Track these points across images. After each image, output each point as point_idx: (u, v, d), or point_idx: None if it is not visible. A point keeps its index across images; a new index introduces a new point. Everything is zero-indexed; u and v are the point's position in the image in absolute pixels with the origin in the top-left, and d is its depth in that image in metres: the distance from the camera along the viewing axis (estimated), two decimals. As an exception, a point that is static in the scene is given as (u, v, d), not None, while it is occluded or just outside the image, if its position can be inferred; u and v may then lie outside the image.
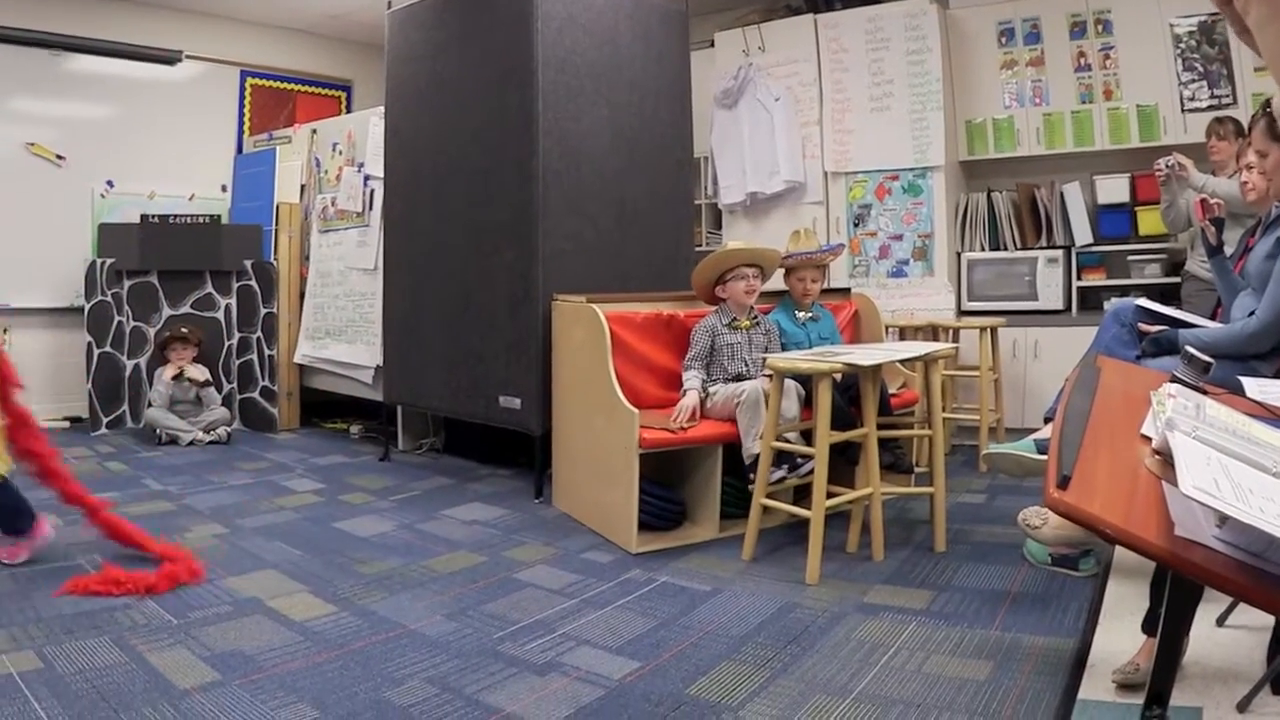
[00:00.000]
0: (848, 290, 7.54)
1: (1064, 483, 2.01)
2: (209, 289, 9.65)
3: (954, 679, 3.69)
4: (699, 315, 6.43)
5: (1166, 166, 6.67)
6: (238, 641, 4.15)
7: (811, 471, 5.20)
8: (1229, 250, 4.94)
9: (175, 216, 9.76)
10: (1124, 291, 7.60)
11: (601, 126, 7.01)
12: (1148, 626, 3.43)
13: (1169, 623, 2.38)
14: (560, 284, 6.60)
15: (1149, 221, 7.92)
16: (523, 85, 6.67)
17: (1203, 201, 4.87)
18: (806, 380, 5.33)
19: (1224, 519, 1.83)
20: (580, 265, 6.79)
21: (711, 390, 5.91)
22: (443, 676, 3.81)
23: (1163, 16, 7.77)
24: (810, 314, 6.45)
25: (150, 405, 8.97)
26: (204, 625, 4.32)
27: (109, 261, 9.20)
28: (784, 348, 6.23)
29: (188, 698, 3.58)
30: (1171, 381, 2.65)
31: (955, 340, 7.86)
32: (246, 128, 11.58)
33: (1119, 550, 4.55)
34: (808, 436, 5.24)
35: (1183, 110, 7.76)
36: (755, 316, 6.17)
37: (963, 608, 4.48)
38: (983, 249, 8.57)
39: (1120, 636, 3.79)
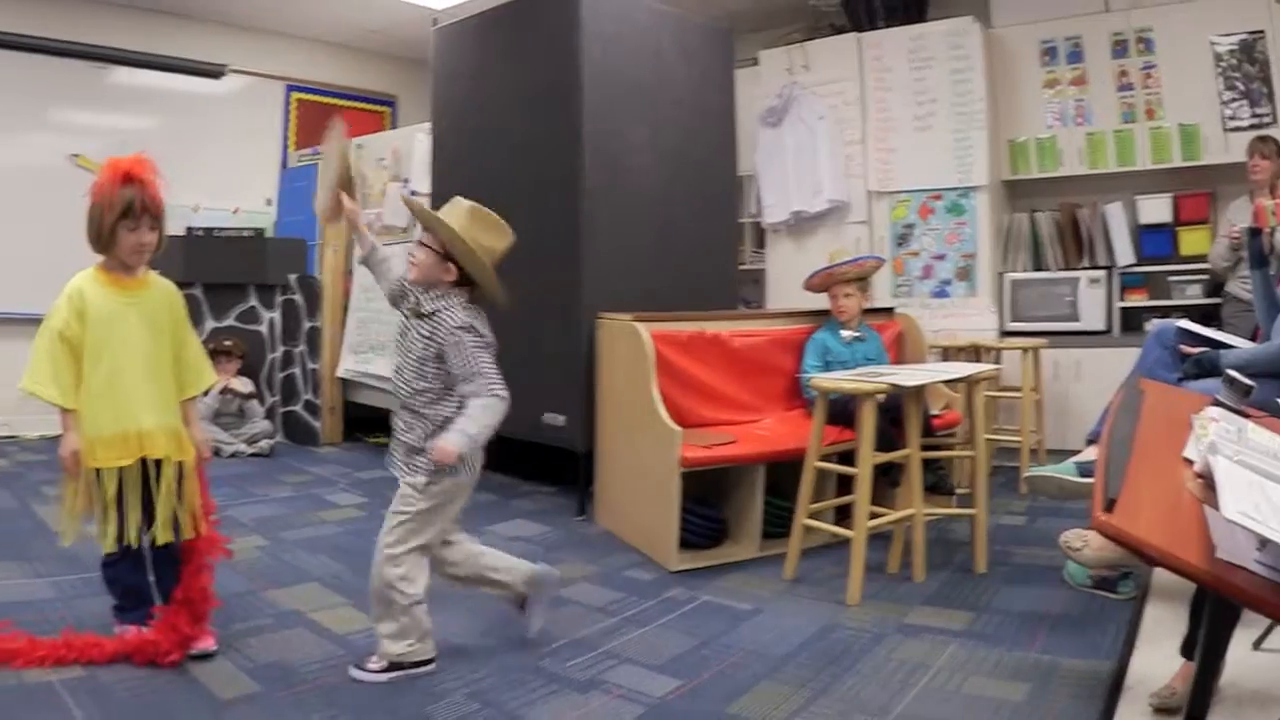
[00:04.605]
0: (891, 310, 7.51)
1: (1110, 506, 2.02)
2: (253, 302, 9.70)
3: (992, 700, 3.70)
4: (745, 335, 6.51)
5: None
6: (280, 654, 4.19)
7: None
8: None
9: (220, 230, 9.82)
10: (1165, 312, 7.55)
11: (646, 144, 7.03)
12: (1185, 650, 3.42)
13: (1207, 644, 2.39)
14: (604, 302, 6.62)
15: (1190, 241, 7.89)
16: (568, 103, 6.71)
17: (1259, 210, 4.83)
18: (849, 400, 5.33)
19: (1265, 542, 1.84)
20: (624, 283, 6.80)
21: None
22: (484, 692, 3.84)
23: (1203, 35, 7.74)
24: (857, 334, 6.44)
25: (194, 417, 8.96)
26: (246, 637, 4.36)
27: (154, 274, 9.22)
28: (828, 366, 6.23)
29: (230, 708, 3.63)
30: (1213, 405, 2.66)
31: (998, 361, 7.81)
32: (291, 142, 11.67)
33: (1158, 573, 4.55)
34: (850, 457, 5.23)
35: (1224, 129, 7.72)
36: (419, 304, 4.20)
37: (1002, 629, 4.48)
38: (1025, 269, 8.55)
39: (1158, 660, 3.79)
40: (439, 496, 4.04)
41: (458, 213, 4.21)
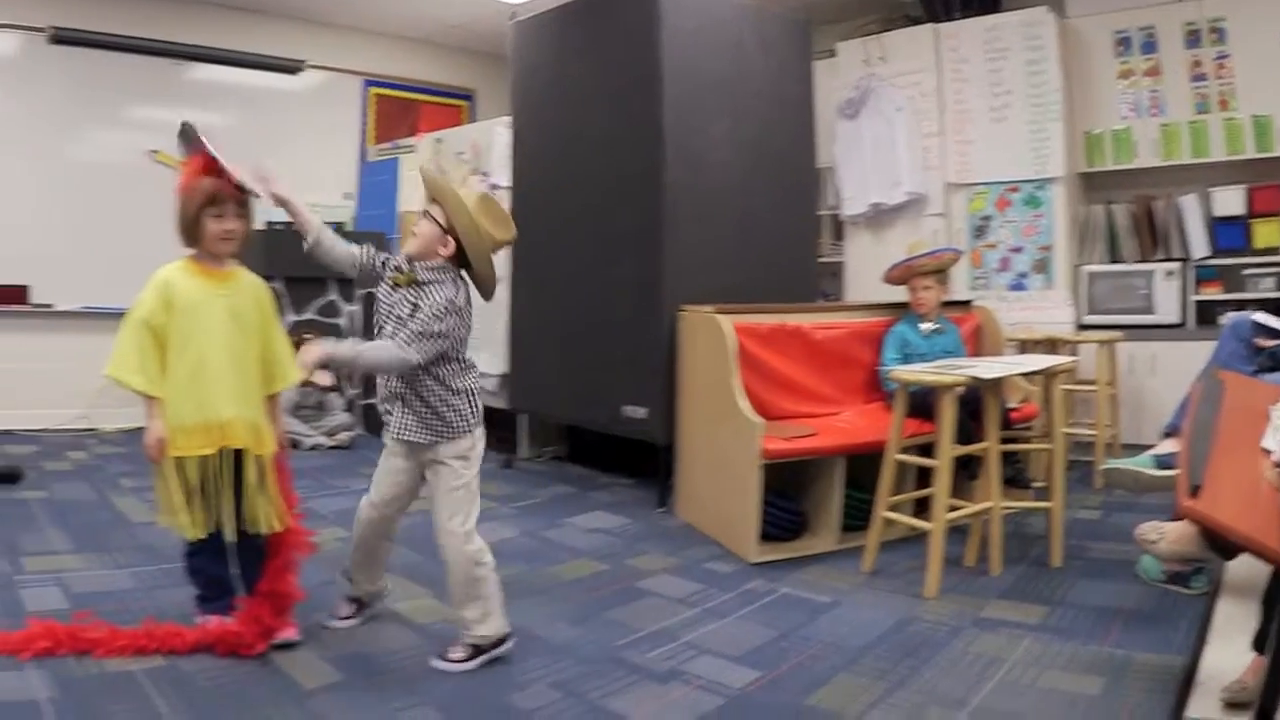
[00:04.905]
0: (969, 302, 7.51)
1: (1195, 492, 2.09)
2: (333, 296, 9.82)
3: (1067, 693, 3.75)
4: (825, 327, 6.55)
5: None
6: (361, 644, 4.26)
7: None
8: None
9: (300, 223, 9.90)
10: (1240, 305, 7.48)
11: (725, 137, 7.04)
12: (1257, 645, 3.44)
13: (1279, 639, 2.43)
14: (686, 294, 6.63)
15: (1264, 234, 7.83)
16: (648, 96, 6.74)
17: None
18: (928, 393, 5.37)
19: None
20: (705, 276, 6.80)
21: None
22: (566, 682, 3.91)
23: (1276, 24, 7.68)
24: (936, 326, 6.50)
25: (274, 408, 9.06)
26: (327, 627, 4.44)
27: (234, 268, 9.35)
28: (907, 359, 6.28)
29: (312, 698, 3.70)
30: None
31: (1074, 354, 7.80)
32: (370, 136, 11.79)
33: (1230, 568, 4.56)
34: (929, 450, 5.28)
35: (1295, 121, 7.68)
36: (414, 271, 4.33)
37: (1077, 623, 4.52)
38: (1101, 262, 8.53)
39: (1229, 654, 3.79)
40: (479, 459, 4.20)
41: (469, 195, 4.27)
